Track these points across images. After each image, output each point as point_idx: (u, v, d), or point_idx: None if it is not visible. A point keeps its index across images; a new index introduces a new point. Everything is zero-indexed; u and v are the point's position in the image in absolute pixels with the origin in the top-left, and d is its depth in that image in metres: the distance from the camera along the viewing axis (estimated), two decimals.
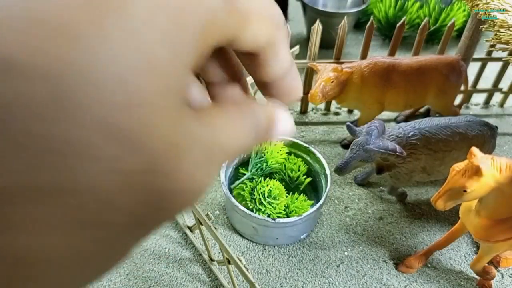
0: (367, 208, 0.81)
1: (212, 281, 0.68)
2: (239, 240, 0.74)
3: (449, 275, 0.71)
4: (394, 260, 0.73)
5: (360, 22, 1.27)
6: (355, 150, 0.67)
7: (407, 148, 0.69)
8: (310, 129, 0.96)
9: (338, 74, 0.78)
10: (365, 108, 0.86)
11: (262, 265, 0.71)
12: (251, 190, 0.70)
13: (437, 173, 0.74)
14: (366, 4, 1.19)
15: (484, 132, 0.72)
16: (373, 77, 0.81)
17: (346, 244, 0.75)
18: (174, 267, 0.70)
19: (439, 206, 0.58)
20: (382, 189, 0.84)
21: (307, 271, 0.70)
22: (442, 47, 0.90)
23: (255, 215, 0.66)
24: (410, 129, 0.70)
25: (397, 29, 0.86)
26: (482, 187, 0.54)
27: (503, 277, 0.72)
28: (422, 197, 0.83)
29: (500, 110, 1.05)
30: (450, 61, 0.83)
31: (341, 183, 0.85)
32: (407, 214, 0.80)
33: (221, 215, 0.78)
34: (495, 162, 0.54)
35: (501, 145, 0.93)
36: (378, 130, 0.68)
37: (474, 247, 0.75)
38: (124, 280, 0.68)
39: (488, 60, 0.96)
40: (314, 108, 1.01)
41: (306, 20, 1.20)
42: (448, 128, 0.71)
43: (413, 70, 0.81)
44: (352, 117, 1.00)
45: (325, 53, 1.00)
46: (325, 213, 0.79)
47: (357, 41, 1.26)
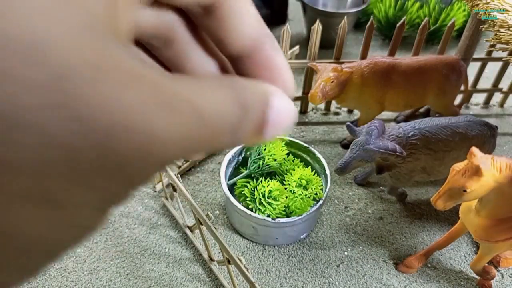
0: (367, 208, 0.81)
1: (212, 281, 0.68)
2: (239, 240, 0.74)
3: (449, 275, 0.71)
4: (394, 260, 0.73)
5: (360, 22, 1.27)
6: (355, 150, 0.67)
7: (407, 148, 0.69)
8: (310, 129, 0.96)
9: (338, 74, 0.78)
10: (365, 108, 0.86)
11: (262, 265, 0.71)
12: (251, 190, 0.70)
13: (437, 173, 0.74)
14: (366, 4, 1.19)
15: (484, 132, 0.73)
16: (373, 77, 0.81)
17: (346, 244, 0.75)
18: (174, 267, 0.70)
19: (439, 206, 0.58)
20: (382, 189, 0.84)
21: (307, 271, 0.70)
22: (442, 47, 0.90)
23: (255, 215, 0.66)
24: (410, 129, 0.70)
25: (397, 29, 0.86)
26: (482, 187, 0.54)
27: (503, 277, 0.72)
28: (422, 197, 0.83)
29: (500, 110, 1.05)
30: (450, 61, 0.83)
31: (341, 183, 0.85)
32: (407, 214, 0.80)
33: (221, 215, 0.78)
34: (495, 162, 0.54)
35: (501, 145, 0.93)
36: (378, 130, 0.68)
37: (474, 247, 0.75)
38: (124, 280, 0.68)
39: (488, 60, 0.96)
40: (314, 108, 1.01)
41: (306, 20, 1.20)
42: (448, 128, 0.71)
43: (413, 70, 0.81)
44: (352, 117, 1.00)
45: (325, 53, 1.00)
46: (325, 213, 0.79)
47: (357, 41, 1.26)
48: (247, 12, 0.13)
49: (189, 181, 0.83)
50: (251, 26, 0.13)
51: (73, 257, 0.70)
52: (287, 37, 0.83)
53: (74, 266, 0.69)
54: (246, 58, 0.14)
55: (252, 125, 0.12)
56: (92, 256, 0.70)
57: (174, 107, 0.09)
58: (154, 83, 0.09)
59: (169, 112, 0.09)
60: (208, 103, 0.10)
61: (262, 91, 0.12)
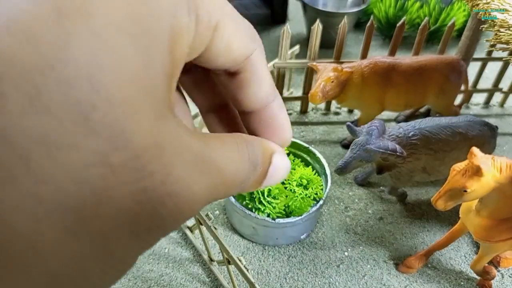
0: (367, 208, 0.81)
1: (212, 281, 0.68)
2: (239, 240, 0.74)
3: (449, 275, 0.71)
4: (394, 260, 0.73)
5: (360, 22, 1.27)
6: (355, 150, 0.67)
7: (407, 148, 0.69)
8: (310, 129, 0.96)
9: (338, 74, 0.78)
10: (365, 108, 0.86)
11: (262, 265, 0.71)
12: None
13: (438, 173, 0.74)
14: (366, 4, 1.19)
15: (484, 132, 0.72)
16: (373, 77, 0.80)
17: (346, 244, 0.75)
18: (174, 267, 0.70)
19: (439, 206, 0.57)
20: (382, 189, 0.84)
21: (307, 271, 0.70)
22: (442, 47, 0.90)
23: (255, 215, 0.66)
24: (410, 129, 0.70)
25: (397, 29, 0.86)
26: (482, 187, 0.54)
27: (503, 277, 0.72)
28: (422, 197, 0.83)
29: (500, 110, 1.05)
30: (450, 61, 0.83)
31: (341, 183, 0.85)
32: (407, 214, 0.80)
33: (221, 215, 0.78)
34: (496, 162, 0.54)
35: (501, 145, 0.93)
36: (378, 130, 0.68)
37: (474, 247, 0.75)
38: (124, 280, 0.68)
39: (488, 60, 0.96)
40: (314, 108, 1.01)
41: (306, 20, 1.20)
42: (449, 128, 0.71)
43: (413, 70, 0.81)
44: (352, 117, 1.00)
45: (325, 53, 0.99)
46: (325, 213, 0.79)
47: (357, 41, 1.26)
48: (264, 79, 0.15)
49: None
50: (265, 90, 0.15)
51: None
52: (287, 37, 0.83)
53: None
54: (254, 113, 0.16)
55: (256, 179, 0.14)
56: None
57: (207, 173, 0.12)
58: (196, 153, 0.11)
59: (204, 178, 0.11)
60: (228, 164, 0.13)
61: (269, 151, 0.15)
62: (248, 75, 0.14)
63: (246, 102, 0.15)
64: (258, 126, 0.16)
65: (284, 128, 0.16)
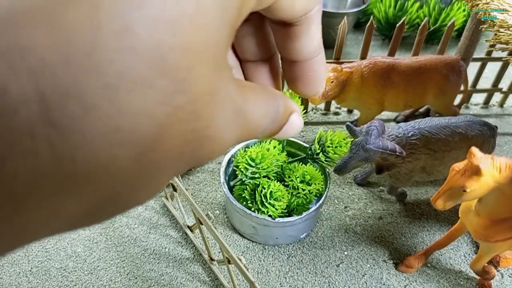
0: (367, 208, 0.81)
1: (212, 280, 0.68)
2: (239, 240, 0.74)
3: (448, 275, 0.71)
4: (393, 259, 0.73)
5: (360, 22, 1.27)
6: (354, 150, 0.67)
7: (407, 148, 0.69)
8: (310, 129, 0.96)
9: (338, 74, 0.78)
10: (364, 108, 0.86)
11: (262, 264, 0.71)
12: (251, 192, 0.69)
13: (437, 173, 0.74)
14: (366, 4, 1.19)
15: (484, 132, 0.73)
16: (373, 77, 0.81)
17: (346, 243, 0.75)
18: (174, 266, 0.70)
19: (438, 206, 0.58)
20: (382, 189, 0.84)
21: (307, 271, 0.71)
22: (442, 47, 0.90)
23: (255, 214, 0.66)
24: (410, 129, 0.70)
25: (397, 29, 0.86)
26: (481, 187, 0.54)
27: (503, 277, 0.72)
28: (421, 197, 0.83)
29: (500, 110, 1.05)
30: (450, 61, 0.83)
31: (341, 183, 0.85)
32: (407, 214, 0.80)
33: (221, 215, 0.78)
34: (495, 162, 0.54)
35: (501, 145, 0.93)
36: (377, 130, 0.68)
37: (474, 246, 0.75)
38: (124, 279, 0.68)
39: (488, 60, 0.96)
40: (314, 108, 1.02)
41: None
42: (448, 128, 0.71)
43: (413, 70, 0.81)
44: (352, 117, 1.00)
45: (325, 53, 0.99)
46: (325, 213, 0.79)
47: (357, 41, 1.26)
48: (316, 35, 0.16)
49: (189, 181, 0.83)
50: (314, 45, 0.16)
51: (73, 257, 0.70)
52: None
53: (74, 266, 0.69)
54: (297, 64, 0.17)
55: (272, 131, 0.16)
56: (92, 256, 0.70)
57: (240, 124, 0.13)
58: (236, 105, 0.13)
59: (236, 127, 0.13)
60: (256, 116, 0.14)
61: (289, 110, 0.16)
62: (302, 29, 0.15)
63: (294, 52, 0.16)
64: (298, 75, 0.17)
65: (319, 82, 0.18)
